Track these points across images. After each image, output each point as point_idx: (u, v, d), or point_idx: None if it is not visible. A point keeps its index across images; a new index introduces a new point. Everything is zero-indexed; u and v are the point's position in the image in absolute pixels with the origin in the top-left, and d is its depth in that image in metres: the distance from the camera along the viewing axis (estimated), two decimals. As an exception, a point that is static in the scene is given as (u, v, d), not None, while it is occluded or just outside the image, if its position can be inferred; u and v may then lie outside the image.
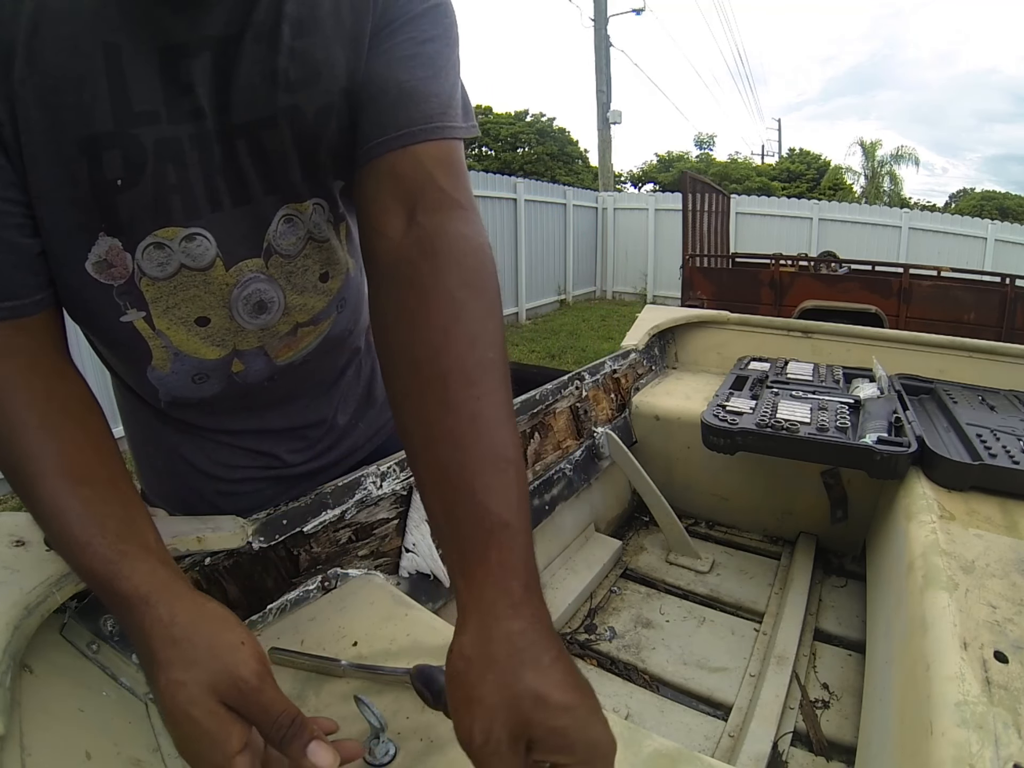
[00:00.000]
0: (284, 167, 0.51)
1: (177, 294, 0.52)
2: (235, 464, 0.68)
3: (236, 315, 0.56)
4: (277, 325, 0.59)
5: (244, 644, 0.37)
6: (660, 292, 8.87)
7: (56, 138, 0.42)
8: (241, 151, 0.49)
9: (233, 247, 0.52)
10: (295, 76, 0.47)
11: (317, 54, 0.47)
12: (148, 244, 0.49)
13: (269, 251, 0.55)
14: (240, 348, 0.58)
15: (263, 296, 0.56)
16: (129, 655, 0.51)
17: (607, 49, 10.59)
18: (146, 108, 0.44)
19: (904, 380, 1.23)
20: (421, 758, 0.46)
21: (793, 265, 5.10)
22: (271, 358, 0.61)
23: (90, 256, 0.48)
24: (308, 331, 0.62)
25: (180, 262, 0.51)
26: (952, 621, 0.57)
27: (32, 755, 0.35)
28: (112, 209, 0.46)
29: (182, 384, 0.59)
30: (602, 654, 1.00)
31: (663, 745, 0.46)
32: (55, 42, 0.40)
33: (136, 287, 0.50)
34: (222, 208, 0.50)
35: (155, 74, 0.43)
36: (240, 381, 0.61)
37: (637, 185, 23.94)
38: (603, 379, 1.34)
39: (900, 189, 19.11)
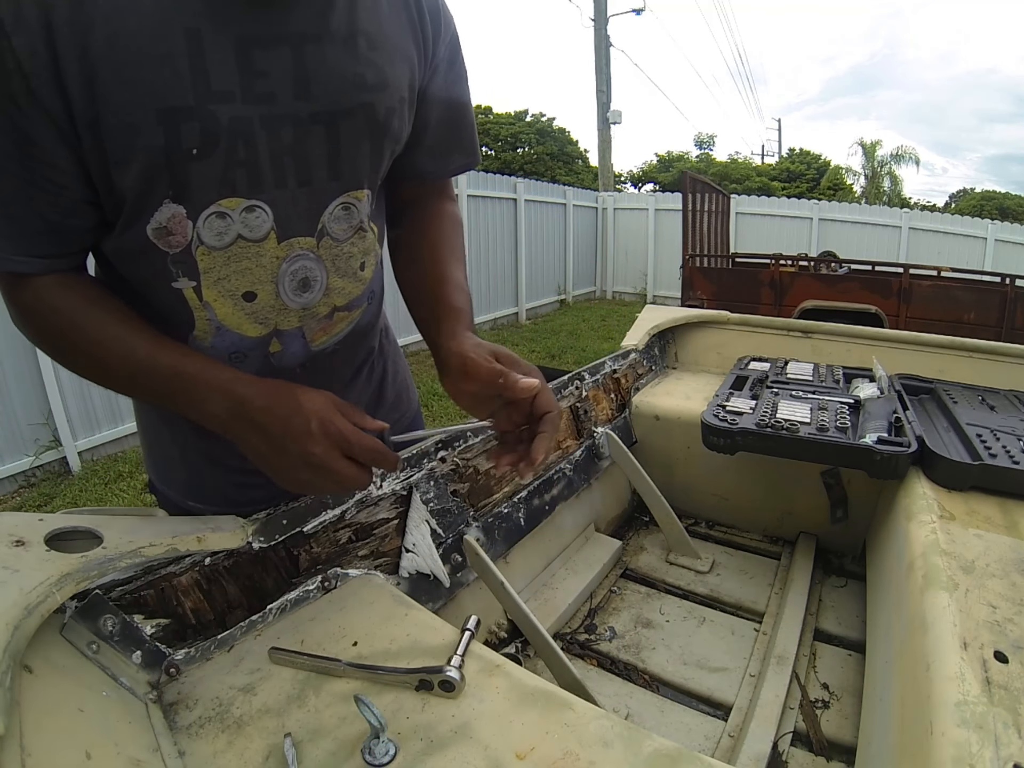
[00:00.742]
0: (353, 155, 0.58)
1: (230, 265, 0.56)
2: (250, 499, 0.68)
3: (282, 291, 0.60)
4: (317, 306, 0.63)
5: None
6: (660, 292, 8.87)
7: (134, 110, 0.47)
8: (316, 136, 0.55)
9: (289, 223, 0.57)
10: (371, 81, 0.57)
11: (385, 67, 0.58)
12: (211, 213, 0.53)
13: (322, 232, 0.60)
14: (281, 328, 0.62)
15: (308, 274, 0.61)
16: (129, 655, 0.51)
17: (607, 49, 10.59)
18: (223, 88, 0.49)
19: (904, 380, 1.23)
20: (421, 758, 0.46)
21: (793, 265, 5.10)
22: (307, 341, 0.65)
23: (151, 222, 0.52)
24: (343, 316, 0.67)
25: (238, 232, 0.55)
26: (952, 621, 0.57)
27: (32, 755, 0.35)
28: (184, 176, 0.50)
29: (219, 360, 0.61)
30: (602, 654, 1.00)
31: (663, 745, 0.46)
32: (138, 24, 0.45)
33: (191, 256, 0.55)
34: (286, 186, 0.55)
35: (231, 58, 0.49)
36: (275, 364, 0.64)
37: (637, 185, 23.95)
38: (603, 379, 1.34)
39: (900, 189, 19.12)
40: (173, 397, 0.53)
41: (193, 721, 0.50)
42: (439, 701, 0.51)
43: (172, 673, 0.53)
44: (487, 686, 0.52)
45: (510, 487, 0.99)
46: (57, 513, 0.55)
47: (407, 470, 0.81)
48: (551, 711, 0.49)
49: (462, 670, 0.52)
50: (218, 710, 0.51)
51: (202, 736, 0.48)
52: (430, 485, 0.83)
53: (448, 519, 0.84)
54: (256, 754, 0.47)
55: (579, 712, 0.49)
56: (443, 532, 0.82)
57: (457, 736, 0.47)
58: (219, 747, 0.47)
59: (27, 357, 2.97)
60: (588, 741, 0.46)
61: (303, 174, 0.56)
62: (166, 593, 0.55)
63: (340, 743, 0.47)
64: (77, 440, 3.22)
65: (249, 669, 0.55)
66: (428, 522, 0.80)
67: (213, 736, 0.48)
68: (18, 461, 3.01)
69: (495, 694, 0.51)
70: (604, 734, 0.47)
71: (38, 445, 3.06)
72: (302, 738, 0.48)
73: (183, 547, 0.55)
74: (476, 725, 0.48)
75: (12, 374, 2.93)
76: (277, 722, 0.49)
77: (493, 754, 0.46)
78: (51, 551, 0.48)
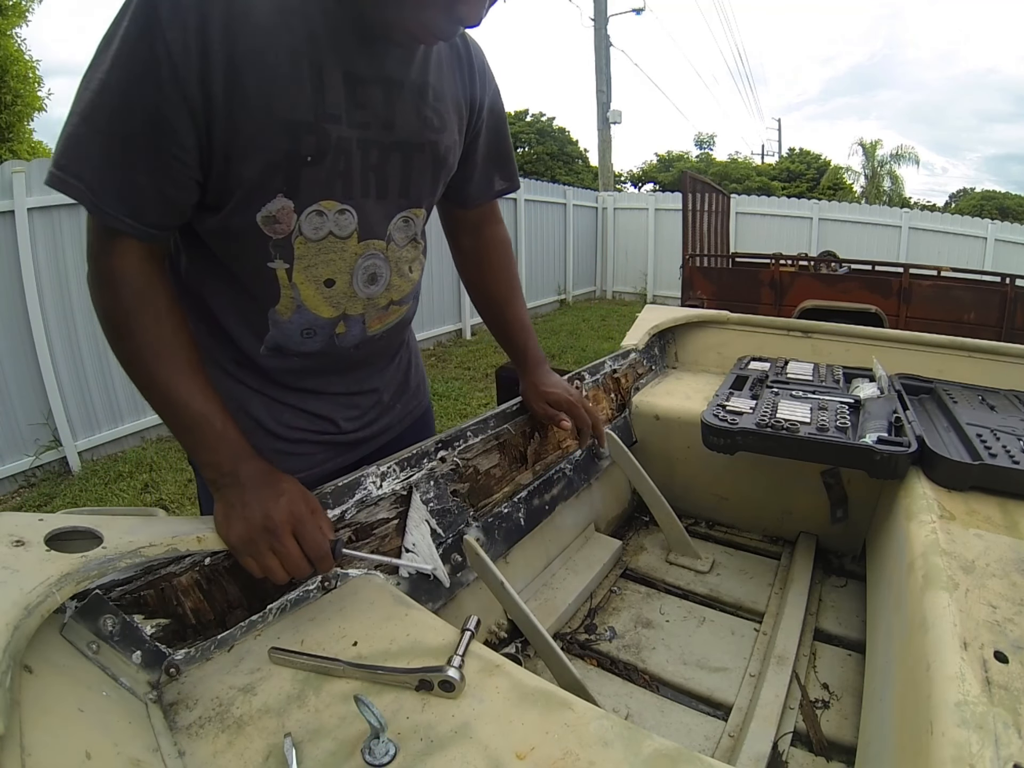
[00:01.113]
0: (418, 180, 0.73)
1: (319, 255, 0.68)
2: (295, 426, 0.79)
3: (355, 282, 0.72)
4: (378, 298, 0.76)
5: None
6: (660, 292, 8.87)
7: (267, 118, 0.58)
8: (394, 161, 0.69)
9: (368, 227, 0.70)
10: (435, 124, 0.72)
11: (445, 114, 0.73)
12: (312, 210, 0.65)
13: (389, 238, 0.73)
14: (348, 313, 0.74)
15: (376, 270, 0.74)
16: (129, 655, 0.51)
17: (607, 49, 10.58)
18: (334, 112, 0.61)
19: (904, 380, 1.23)
20: (421, 758, 0.46)
21: (793, 265, 5.09)
22: (365, 327, 0.77)
23: (263, 210, 0.62)
24: (395, 309, 0.81)
25: (330, 229, 0.67)
26: (952, 621, 0.57)
27: (32, 755, 0.35)
28: (296, 177, 0.62)
29: (291, 335, 0.72)
30: (602, 654, 1.00)
31: (663, 745, 0.46)
32: (276, 48, 0.57)
33: (290, 244, 0.66)
34: (368, 197, 0.68)
35: (341, 89, 0.62)
36: (337, 343, 0.76)
37: (637, 185, 23.94)
38: (603, 379, 1.34)
39: (900, 189, 19.11)
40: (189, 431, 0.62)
41: (193, 721, 0.50)
42: (439, 701, 0.51)
43: (172, 673, 0.53)
44: (487, 686, 0.52)
45: (510, 487, 0.99)
46: (57, 513, 0.55)
47: (407, 470, 0.81)
48: (551, 711, 0.49)
49: (462, 670, 0.52)
50: (218, 710, 0.51)
51: (202, 736, 0.48)
52: (430, 485, 0.83)
53: (448, 519, 0.84)
54: (256, 754, 0.47)
55: (579, 712, 0.49)
56: (443, 532, 0.82)
57: (457, 736, 0.47)
58: (219, 747, 0.47)
59: (27, 357, 2.97)
60: (588, 741, 0.46)
61: (382, 189, 0.69)
62: (166, 593, 0.55)
63: (340, 743, 0.47)
64: (77, 440, 3.22)
65: (249, 669, 0.55)
66: (428, 522, 0.80)
67: (213, 736, 0.48)
68: (18, 461, 3.01)
69: (495, 694, 0.51)
70: (604, 734, 0.47)
71: (38, 445, 3.06)
72: (302, 738, 0.48)
73: (183, 547, 0.55)
74: (476, 725, 0.48)
75: (12, 374, 2.93)
76: (277, 722, 0.49)
77: (493, 754, 0.46)
78: (51, 551, 0.48)
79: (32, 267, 2.91)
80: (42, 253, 2.98)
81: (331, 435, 0.82)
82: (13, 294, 2.88)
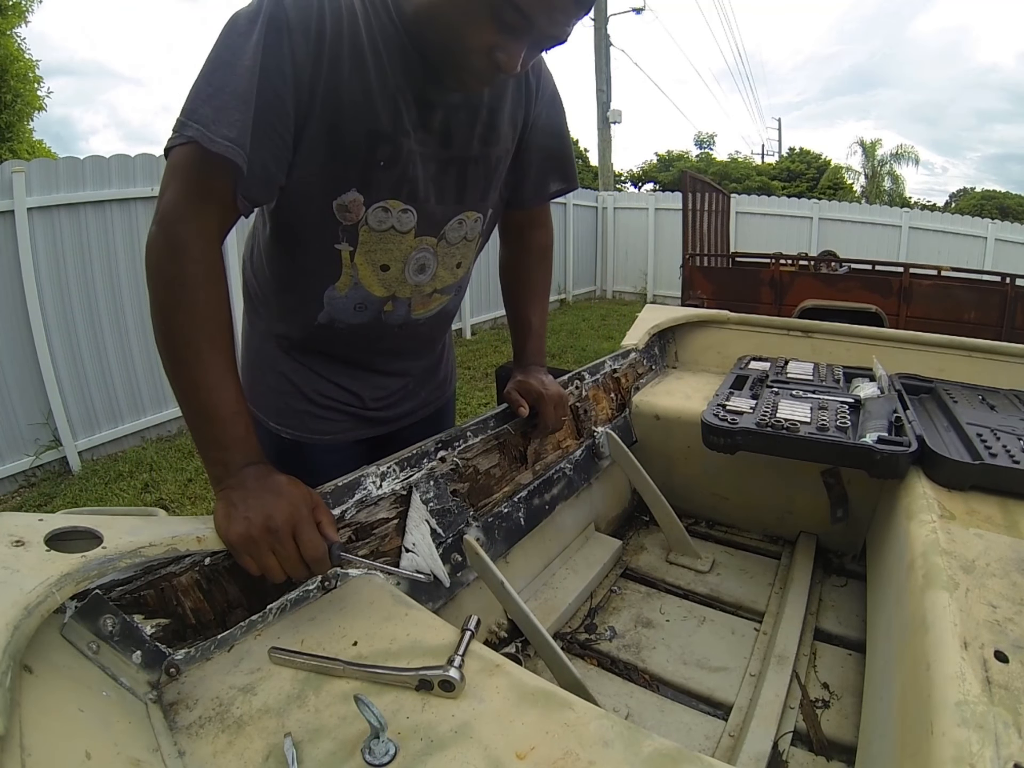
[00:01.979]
0: (472, 188, 0.82)
1: (380, 244, 0.78)
2: (327, 395, 0.90)
3: (407, 270, 0.82)
4: (424, 286, 0.86)
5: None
6: (660, 292, 8.86)
7: (353, 125, 0.69)
8: (451, 173, 0.79)
9: (425, 226, 0.80)
10: (487, 137, 0.81)
11: (499, 128, 0.82)
12: (378, 206, 0.74)
13: (442, 236, 0.83)
14: (397, 295, 0.84)
15: (425, 262, 0.83)
16: (129, 655, 0.51)
17: (607, 49, 10.58)
18: (407, 127, 0.72)
19: (904, 379, 1.23)
20: (421, 758, 0.46)
21: (793, 264, 5.09)
22: (410, 309, 0.87)
23: (338, 199, 0.72)
24: (437, 298, 0.89)
25: (392, 224, 0.77)
26: (952, 621, 0.57)
27: (32, 755, 0.35)
28: (369, 177, 0.72)
29: (345, 308, 0.82)
30: (602, 654, 1.00)
31: (663, 745, 0.46)
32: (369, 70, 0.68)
33: (356, 231, 0.75)
34: (429, 202, 0.78)
35: (413, 110, 0.72)
36: (383, 319, 0.85)
37: (637, 185, 23.92)
38: (603, 379, 1.34)
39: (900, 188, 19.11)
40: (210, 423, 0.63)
41: (193, 721, 0.50)
42: (439, 701, 0.51)
43: (172, 673, 0.53)
44: (487, 686, 0.52)
45: (510, 487, 0.99)
46: (57, 513, 0.55)
47: (407, 470, 0.81)
48: (551, 711, 0.49)
49: (462, 670, 0.52)
50: (218, 710, 0.51)
51: (202, 736, 0.48)
52: (430, 485, 0.83)
53: (448, 519, 0.84)
54: (256, 754, 0.47)
55: (579, 712, 0.49)
56: (443, 532, 0.82)
57: (457, 736, 0.47)
58: (219, 747, 0.47)
59: (27, 357, 2.97)
60: (588, 741, 0.46)
61: (439, 197, 0.79)
62: (166, 593, 0.55)
63: (340, 743, 0.47)
64: (77, 440, 3.22)
65: (249, 669, 0.55)
66: (428, 522, 0.80)
67: (213, 736, 0.48)
68: (18, 461, 3.00)
69: (495, 694, 0.51)
70: (604, 734, 0.47)
71: (38, 445, 3.06)
72: (302, 738, 0.48)
73: (183, 547, 0.55)
74: (476, 725, 0.48)
75: (12, 374, 2.93)
76: (277, 722, 0.49)
77: (493, 754, 0.46)
78: (51, 551, 0.48)
79: (32, 267, 2.90)
80: (42, 253, 2.98)
81: (356, 408, 0.92)
82: (13, 294, 2.88)
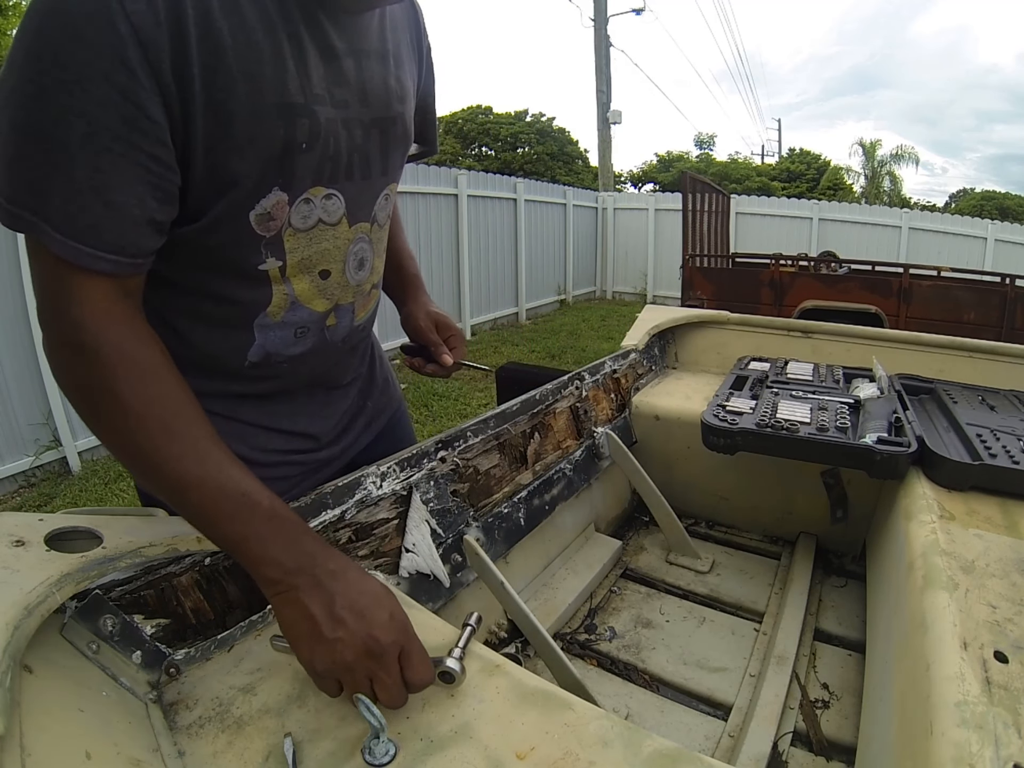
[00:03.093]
0: (394, 155, 0.68)
1: (311, 246, 0.62)
2: (271, 448, 0.72)
3: (347, 269, 0.67)
4: (364, 283, 0.72)
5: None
6: (660, 292, 8.86)
7: (257, 100, 0.50)
8: (374, 138, 0.63)
9: (355, 211, 0.65)
10: (400, 94, 0.66)
11: (405, 82, 0.67)
12: (300, 199, 0.58)
13: (374, 219, 0.69)
14: (340, 303, 0.69)
15: (364, 255, 0.70)
16: (129, 655, 0.51)
17: (607, 49, 10.58)
18: (319, 91, 0.55)
19: (904, 380, 1.23)
20: (421, 758, 0.46)
21: (793, 265, 5.09)
22: (353, 316, 0.72)
23: (257, 208, 0.55)
24: (374, 294, 0.77)
25: (319, 216, 0.61)
26: (952, 621, 0.57)
27: (32, 755, 0.35)
28: (292, 166, 0.55)
29: (284, 338, 0.66)
30: (602, 654, 1.00)
31: (663, 745, 0.46)
32: (253, 20, 0.49)
33: (280, 238, 0.59)
34: (352, 179, 0.62)
35: (321, 65, 0.55)
36: (328, 337, 0.70)
37: (637, 185, 23.94)
38: (603, 379, 1.34)
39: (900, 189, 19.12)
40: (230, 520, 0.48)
41: (193, 721, 0.50)
42: (439, 701, 0.51)
43: (172, 673, 0.53)
44: (487, 686, 0.52)
45: (510, 487, 0.99)
46: (57, 513, 0.55)
47: (407, 470, 0.81)
48: (551, 711, 0.49)
49: (463, 662, 0.52)
50: (218, 710, 0.51)
51: (202, 736, 0.48)
52: (430, 485, 0.83)
53: (448, 519, 0.84)
54: (256, 754, 0.47)
55: (579, 712, 0.49)
56: (443, 532, 0.82)
57: (457, 736, 0.47)
58: (219, 747, 0.47)
59: (27, 357, 2.97)
60: (588, 741, 0.46)
61: (364, 169, 0.63)
62: (166, 593, 0.55)
63: (340, 743, 0.47)
64: (77, 440, 3.22)
65: (249, 669, 0.55)
66: (428, 522, 0.80)
67: (213, 736, 0.48)
68: (18, 461, 3.00)
69: (495, 694, 0.51)
70: (604, 734, 0.47)
71: (38, 445, 3.06)
72: (302, 738, 0.48)
73: (183, 547, 0.55)
74: (476, 725, 0.48)
75: (12, 374, 2.93)
76: (277, 722, 0.49)
77: (493, 754, 0.46)
78: (51, 551, 0.48)
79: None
80: (42, 253, 2.98)
81: (309, 451, 0.76)
82: (13, 294, 2.88)
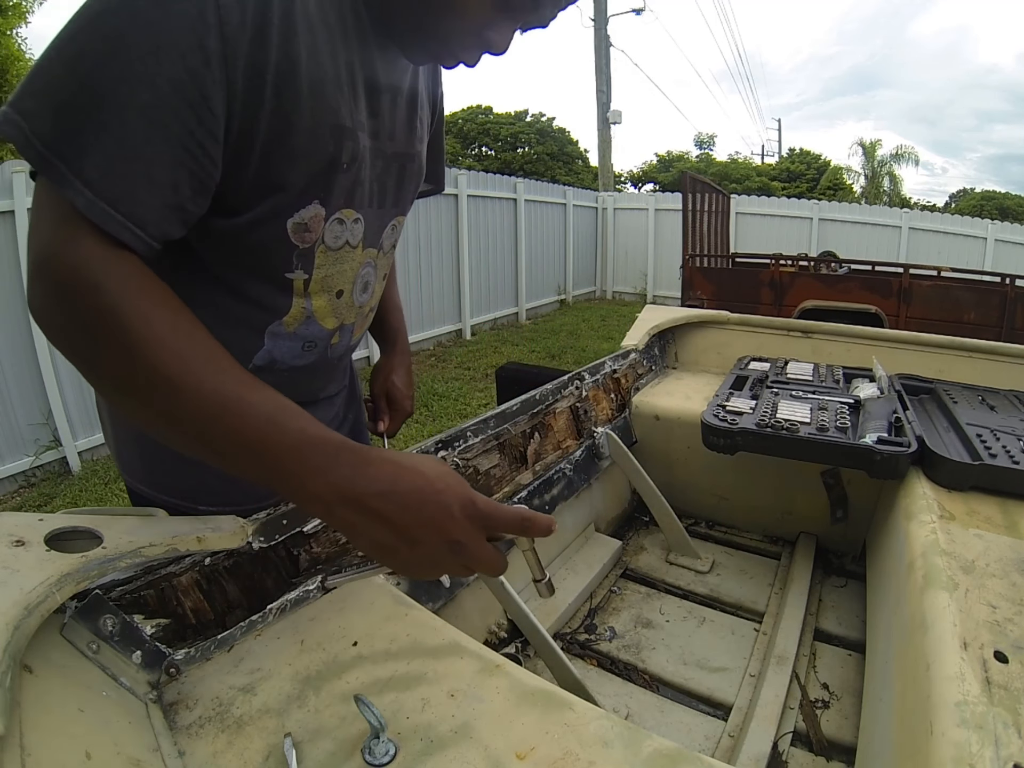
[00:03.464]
0: (408, 189, 0.71)
1: (336, 265, 0.64)
2: None
3: (355, 291, 0.70)
4: (365, 306, 0.74)
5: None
6: (660, 292, 8.87)
7: (318, 117, 0.53)
8: (392, 171, 0.67)
9: (370, 237, 0.68)
10: (420, 134, 0.70)
11: (426, 122, 0.72)
12: (335, 218, 0.61)
13: (381, 246, 0.72)
14: (345, 322, 0.71)
15: (368, 279, 0.72)
16: (129, 655, 0.51)
17: (607, 49, 10.58)
18: (361, 119, 0.58)
19: (904, 380, 1.23)
20: (421, 758, 0.46)
21: (793, 265, 5.10)
22: (352, 335, 0.74)
23: (295, 216, 0.57)
24: (370, 316, 0.79)
25: (346, 239, 0.64)
26: (952, 621, 0.57)
27: (32, 755, 0.35)
28: (332, 184, 0.58)
29: (292, 349, 0.67)
30: (602, 654, 1.00)
31: (663, 745, 0.46)
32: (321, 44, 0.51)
33: (312, 253, 0.61)
34: (372, 207, 0.66)
35: (363, 96, 0.58)
36: (329, 355, 0.72)
37: (637, 185, 23.94)
38: (603, 379, 1.34)
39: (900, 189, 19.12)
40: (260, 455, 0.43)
41: (193, 721, 0.50)
42: (439, 701, 0.51)
43: (172, 673, 0.53)
44: (487, 686, 0.52)
45: (510, 487, 0.99)
46: (57, 513, 0.55)
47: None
48: (551, 711, 0.49)
49: None
50: (218, 710, 0.51)
51: (202, 736, 0.48)
52: (430, 485, 0.83)
53: (448, 519, 0.84)
54: (256, 754, 0.46)
55: (579, 712, 0.49)
56: (443, 532, 0.82)
57: (457, 736, 0.47)
58: (219, 747, 0.47)
59: (27, 357, 2.97)
60: (588, 741, 0.46)
61: (381, 199, 0.67)
62: (166, 593, 0.55)
63: (340, 743, 0.47)
64: (77, 440, 3.22)
65: (249, 669, 0.55)
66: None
67: (213, 736, 0.48)
68: (18, 461, 3.01)
69: (495, 694, 0.51)
70: (604, 734, 0.47)
71: (38, 445, 3.06)
72: (302, 738, 0.48)
73: (183, 547, 0.55)
74: (476, 725, 0.48)
75: (12, 374, 2.93)
76: (277, 722, 0.49)
77: (493, 754, 0.46)
78: (51, 551, 0.48)
79: (32, 267, 2.91)
80: (42, 253, 2.98)
81: None
82: (13, 294, 2.88)
